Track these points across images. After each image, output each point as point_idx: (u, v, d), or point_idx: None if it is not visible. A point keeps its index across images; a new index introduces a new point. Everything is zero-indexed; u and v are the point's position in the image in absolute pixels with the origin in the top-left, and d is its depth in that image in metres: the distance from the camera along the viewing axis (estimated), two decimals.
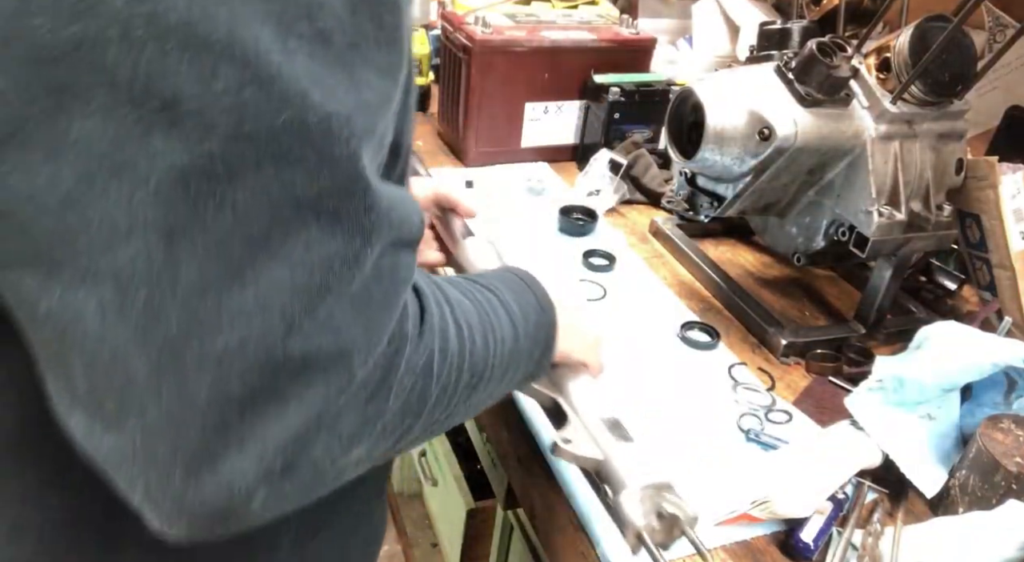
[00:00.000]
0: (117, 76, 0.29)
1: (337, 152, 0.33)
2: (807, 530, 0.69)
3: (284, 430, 0.34)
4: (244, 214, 0.31)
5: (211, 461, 0.33)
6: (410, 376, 0.41)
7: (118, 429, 0.33)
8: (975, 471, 0.72)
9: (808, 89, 0.86)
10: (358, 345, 0.36)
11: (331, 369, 0.35)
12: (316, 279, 0.34)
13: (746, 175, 0.90)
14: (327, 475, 0.38)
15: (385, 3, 0.35)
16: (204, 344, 0.32)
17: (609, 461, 0.60)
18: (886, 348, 1.00)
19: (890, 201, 0.90)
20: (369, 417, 0.38)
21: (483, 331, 0.49)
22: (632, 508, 0.56)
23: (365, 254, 0.36)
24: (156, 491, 0.33)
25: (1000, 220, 0.94)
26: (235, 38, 0.30)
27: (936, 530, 0.70)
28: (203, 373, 0.32)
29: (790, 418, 0.86)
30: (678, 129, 0.94)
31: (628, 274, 1.11)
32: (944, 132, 0.93)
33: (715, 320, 1.02)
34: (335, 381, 0.36)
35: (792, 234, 1.00)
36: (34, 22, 0.28)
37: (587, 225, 1.20)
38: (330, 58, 0.33)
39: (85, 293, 0.31)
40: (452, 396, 0.46)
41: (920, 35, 0.87)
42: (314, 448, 0.36)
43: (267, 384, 0.33)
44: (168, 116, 0.29)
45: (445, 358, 0.44)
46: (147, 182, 0.30)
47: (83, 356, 0.32)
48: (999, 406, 0.80)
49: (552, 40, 1.32)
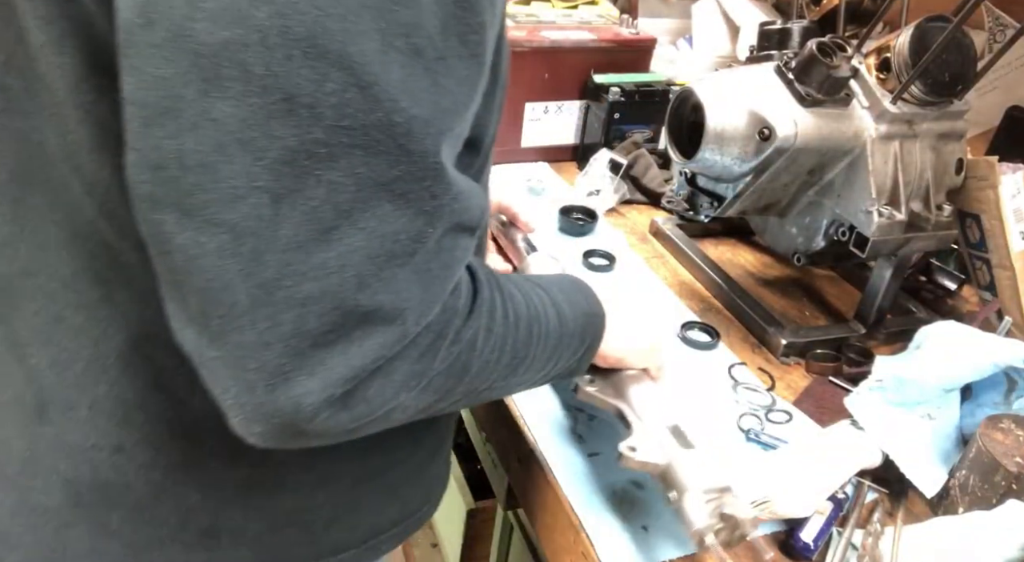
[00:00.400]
0: (252, 72, 0.37)
1: (413, 147, 0.41)
2: (807, 530, 0.69)
3: (346, 366, 0.42)
4: (335, 188, 0.39)
5: (286, 380, 0.41)
6: (456, 345, 0.48)
7: (220, 344, 0.41)
8: (975, 471, 0.72)
9: (808, 89, 0.86)
10: (412, 306, 0.43)
11: (389, 322, 0.43)
12: (385, 247, 0.41)
13: (746, 175, 0.90)
14: (376, 414, 0.45)
15: (471, 24, 0.42)
16: (293, 288, 0.40)
17: (672, 466, 0.63)
18: (886, 348, 1.00)
19: (890, 201, 0.90)
20: (417, 371, 0.45)
21: (528, 322, 0.55)
22: (694, 510, 0.60)
23: (427, 233, 0.43)
24: (243, 397, 0.42)
25: (1000, 220, 0.94)
26: (346, 50, 0.37)
27: (936, 530, 0.70)
28: (289, 310, 0.40)
29: (790, 418, 0.86)
30: (678, 129, 0.94)
31: (628, 274, 1.11)
32: (944, 132, 0.93)
33: (715, 320, 1.02)
34: (391, 333, 0.43)
35: (792, 234, 1.00)
36: (197, 26, 0.36)
37: (587, 225, 1.20)
38: (419, 69, 0.40)
39: (208, 236, 0.39)
40: (492, 372, 0.52)
41: (920, 35, 0.87)
42: (369, 386, 0.43)
43: (337, 326, 0.41)
44: (286, 106, 0.37)
45: (489, 338, 0.51)
46: (264, 156, 0.38)
47: (200, 283, 0.40)
48: (999, 406, 0.80)
49: (552, 40, 1.32)
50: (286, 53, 0.37)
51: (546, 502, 0.77)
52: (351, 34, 0.37)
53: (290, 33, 0.36)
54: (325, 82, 0.37)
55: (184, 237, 0.39)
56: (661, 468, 0.64)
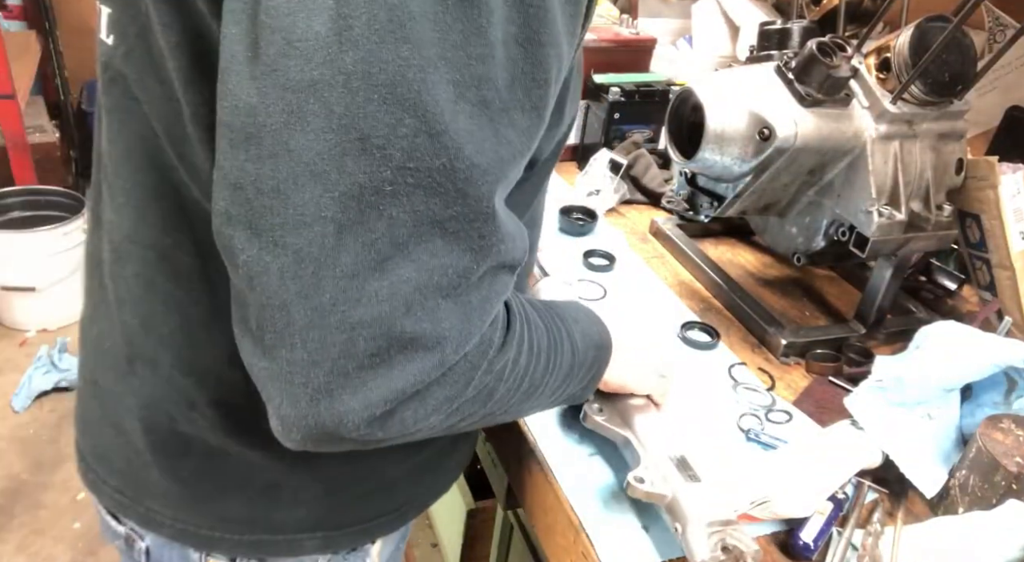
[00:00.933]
0: (333, 110, 0.40)
1: (470, 191, 0.43)
2: (807, 530, 0.69)
3: (388, 388, 0.45)
4: (395, 223, 0.42)
5: (330, 396, 0.44)
6: (488, 375, 0.51)
7: (271, 357, 0.44)
8: (975, 471, 0.72)
9: (808, 89, 0.86)
10: (452, 336, 0.46)
11: (430, 349, 0.45)
12: (433, 280, 0.44)
13: (746, 175, 0.90)
14: (407, 431, 0.48)
15: (537, 79, 0.45)
16: (346, 312, 0.42)
17: (676, 499, 0.66)
18: (886, 348, 1.00)
19: (890, 201, 0.90)
20: (450, 397, 0.48)
21: (548, 353, 0.58)
22: (696, 543, 0.62)
23: (472, 269, 0.46)
24: (287, 408, 0.45)
25: (1000, 220, 0.94)
26: (421, 98, 0.40)
27: (936, 530, 0.70)
28: (340, 333, 0.43)
29: (790, 418, 0.86)
30: (678, 129, 0.94)
31: (628, 274, 1.11)
32: (944, 132, 0.93)
33: (715, 320, 1.02)
34: (431, 359, 0.46)
35: (792, 234, 1.00)
36: (289, 62, 0.39)
37: (587, 225, 1.20)
38: (485, 120, 0.43)
39: (272, 256, 0.42)
40: (510, 399, 0.55)
41: (920, 35, 0.87)
42: (407, 408, 0.46)
43: (382, 350, 0.44)
44: (360, 145, 0.40)
45: (515, 368, 0.54)
46: (335, 189, 0.41)
47: (260, 299, 0.43)
48: (999, 406, 0.80)
49: None
50: (367, 96, 0.40)
51: (546, 502, 0.77)
52: (427, 84, 0.40)
53: (372, 78, 0.39)
54: (399, 126, 0.40)
55: (250, 254, 0.43)
56: (667, 500, 0.66)
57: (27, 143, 2.52)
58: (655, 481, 0.67)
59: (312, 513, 0.67)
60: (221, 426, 0.61)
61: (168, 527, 0.66)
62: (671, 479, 0.67)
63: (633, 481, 0.66)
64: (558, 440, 0.79)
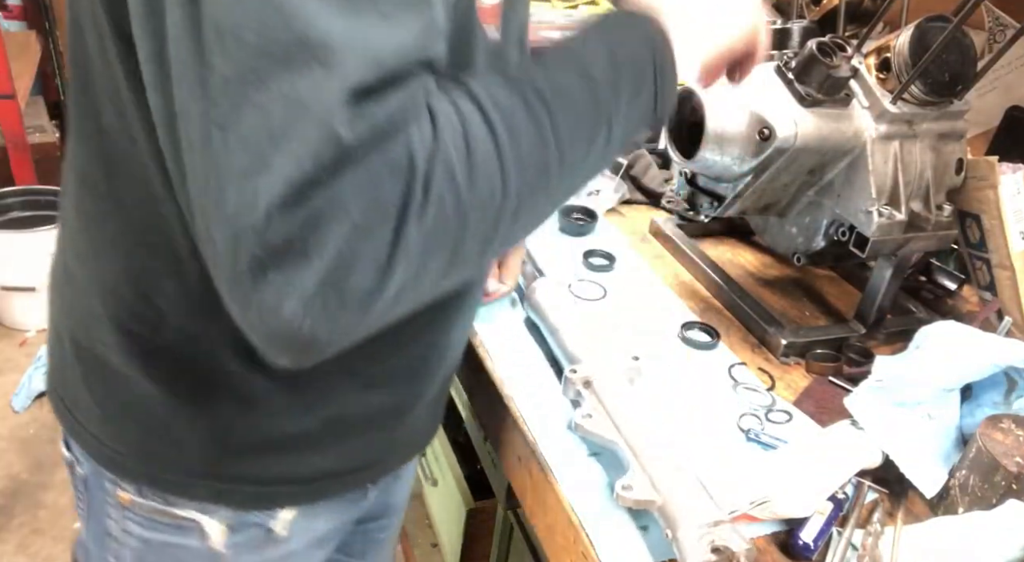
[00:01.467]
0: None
1: (333, 61, 0.39)
2: (807, 530, 0.69)
3: (288, 170, 0.39)
4: (268, 113, 0.39)
5: (256, 279, 0.40)
6: (419, 172, 0.41)
7: (212, 269, 0.43)
8: (975, 471, 0.72)
9: (808, 89, 0.86)
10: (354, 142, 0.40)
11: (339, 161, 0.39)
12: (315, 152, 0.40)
13: (746, 175, 0.90)
14: (368, 303, 0.42)
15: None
16: (242, 211, 0.40)
17: (667, 503, 0.65)
18: (886, 348, 1.00)
19: (890, 201, 0.90)
20: (371, 204, 0.40)
21: (535, 121, 0.47)
22: (689, 545, 0.62)
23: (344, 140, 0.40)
24: (239, 312, 0.42)
25: (1000, 220, 0.94)
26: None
27: (936, 530, 0.70)
28: (249, 233, 0.39)
29: (790, 418, 0.86)
30: (678, 129, 0.94)
31: (628, 274, 1.11)
32: (944, 132, 0.93)
33: (715, 320, 1.02)
34: (328, 150, 0.39)
35: (792, 234, 1.00)
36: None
37: (587, 225, 1.20)
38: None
39: (186, 165, 0.43)
40: (505, 199, 0.46)
41: (920, 35, 0.87)
42: (318, 221, 0.39)
43: (292, 236, 0.39)
44: (216, 35, 0.39)
45: (472, 167, 0.44)
46: (208, 87, 0.40)
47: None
48: (999, 406, 0.80)
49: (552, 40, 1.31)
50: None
51: (546, 502, 0.77)
52: None
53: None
54: (243, 4, 0.38)
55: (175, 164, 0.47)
56: (657, 505, 0.66)
57: (27, 143, 2.52)
58: (643, 488, 0.67)
59: (202, 458, 0.65)
60: (122, 348, 0.61)
61: (88, 441, 0.68)
62: (660, 484, 0.67)
63: (620, 490, 0.67)
64: (558, 440, 0.79)
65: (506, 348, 0.92)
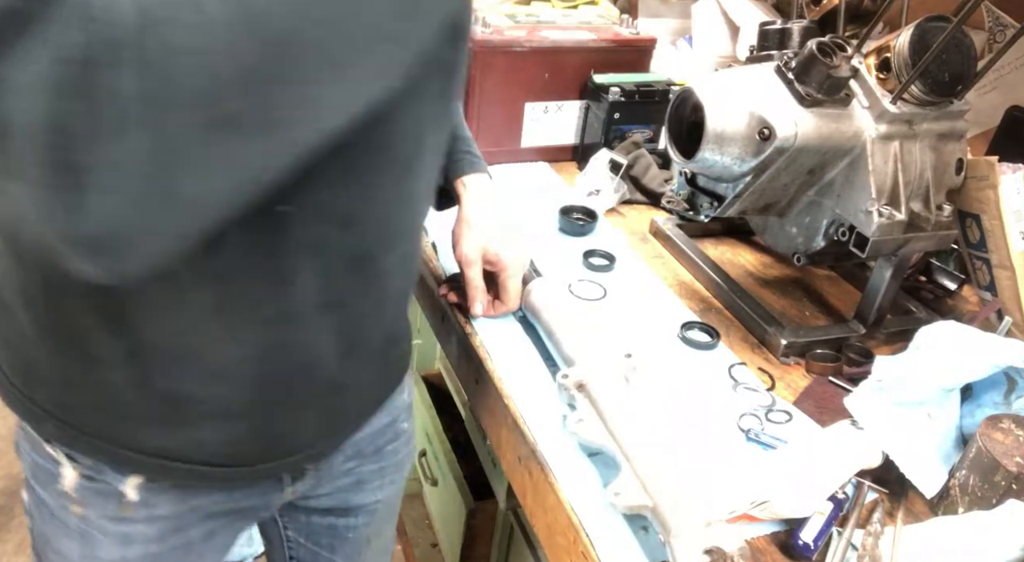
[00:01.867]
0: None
1: None
2: (807, 530, 0.69)
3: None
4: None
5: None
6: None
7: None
8: (975, 471, 0.72)
9: (808, 89, 0.86)
10: None
11: None
12: None
13: (746, 175, 0.90)
14: (116, 175, 0.37)
15: None
16: None
17: (658, 507, 0.66)
18: (886, 348, 1.00)
19: (890, 201, 0.90)
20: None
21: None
22: (680, 551, 0.62)
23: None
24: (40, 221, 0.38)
25: (1000, 220, 0.94)
26: None
27: (936, 530, 0.70)
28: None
29: (790, 418, 0.86)
30: (678, 129, 0.94)
31: (628, 274, 1.11)
32: (944, 132, 0.93)
33: (715, 320, 1.03)
34: None
35: (792, 234, 1.00)
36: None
37: (587, 225, 1.20)
38: None
39: None
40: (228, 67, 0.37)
41: (920, 35, 0.87)
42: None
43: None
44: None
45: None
46: None
47: None
48: (999, 406, 0.80)
49: (552, 40, 1.32)
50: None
51: (546, 502, 0.77)
52: None
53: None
54: None
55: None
56: (650, 507, 0.66)
57: None
58: (634, 493, 0.67)
59: (54, 402, 0.68)
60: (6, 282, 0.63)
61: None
62: (652, 487, 0.67)
63: (612, 496, 0.67)
64: (558, 440, 0.79)
65: (506, 348, 0.92)
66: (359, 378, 0.76)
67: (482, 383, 0.91)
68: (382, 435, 0.89)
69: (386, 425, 0.89)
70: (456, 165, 0.93)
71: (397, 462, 0.94)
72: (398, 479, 0.98)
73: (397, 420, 0.91)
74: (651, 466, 0.69)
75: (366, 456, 0.88)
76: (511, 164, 1.40)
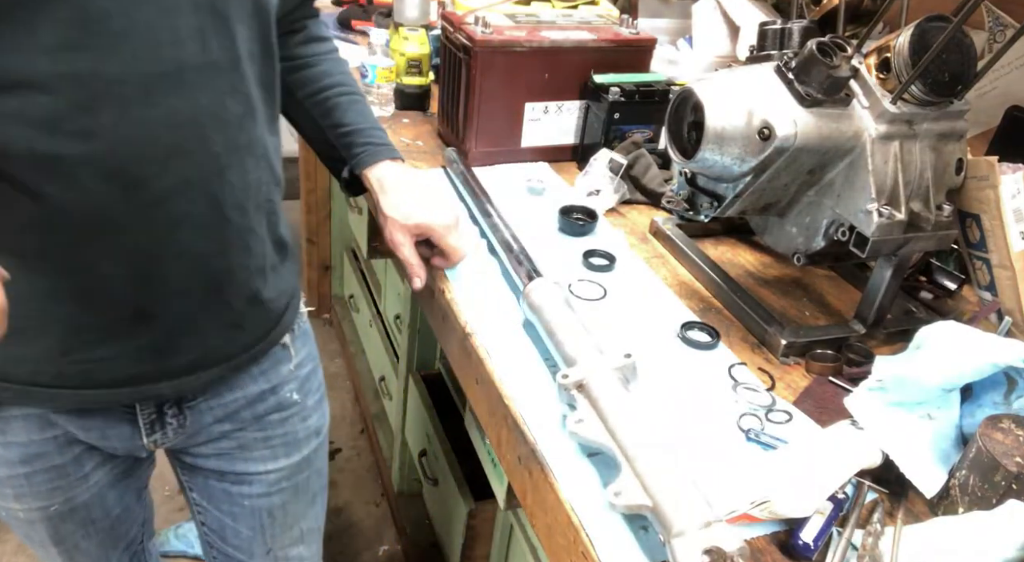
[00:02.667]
0: None
1: None
2: (807, 530, 0.69)
3: None
4: None
5: None
6: None
7: None
8: (975, 471, 0.72)
9: (808, 89, 0.86)
10: None
11: None
12: None
13: (746, 175, 0.90)
14: None
15: None
16: None
17: (658, 507, 0.66)
18: (886, 348, 1.00)
19: (890, 201, 0.90)
20: None
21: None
22: (682, 548, 0.62)
23: None
24: None
25: (1000, 220, 0.94)
26: None
27: (936, 530, 0.70)
28: None
29: (790, 418, 0.86)
30: (678, 129, 0.94)
31: (628, 274, 1.11)
32: (944, 132, 0.93)
33: (715, 320, 1.03)
34: None
35: (792, 234, 1.00)
36: None
37: (587, 225, 1.20)
38: None
39: None
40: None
41: (920, 35, 0.87)
42: None
43: None
44: None
45: None
46: None
47: None
48: (999, 406, 0.80)
49: (552, 40, 1.32)
50: None
51: (546, 502, 0.77)
52: None
53: None
54: None
55: None
56: (649, 508, 0.66)
57: None
58: (633, 493, 0.67)
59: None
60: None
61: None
62: (651, 487, 0.67)
63: (612, 496, 0.67)
64: (558, 440, 0.79)
65: (506, 348, 0.92)
66: (169, 313, 0.74)
67: (482, 383, 0.91)
68: (261, 401, 0.90)
69: (265, 391, 0.90)
70: (357, 160, 0.99)
71: (289, 436, 0.94)
72: (295, 456, 0.96)
73: (279, 389, 0.91)
74: (651, 466, 0.69)
75: (246, 422, 0.90)
76: (511, 164, 1.40)
